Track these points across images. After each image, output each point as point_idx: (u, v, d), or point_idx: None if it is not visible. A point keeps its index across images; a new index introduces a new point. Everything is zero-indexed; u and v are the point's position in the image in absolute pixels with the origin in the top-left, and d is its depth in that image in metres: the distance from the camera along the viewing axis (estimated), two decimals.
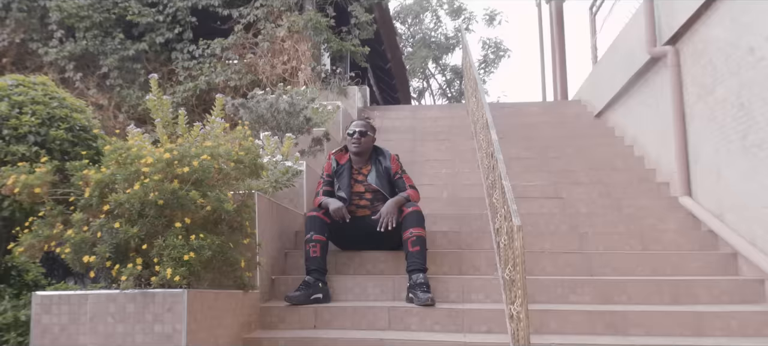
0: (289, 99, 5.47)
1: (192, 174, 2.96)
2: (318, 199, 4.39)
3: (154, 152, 2.92)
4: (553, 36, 11.86)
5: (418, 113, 9.06)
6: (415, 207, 4.17)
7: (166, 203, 2.91)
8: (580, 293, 4.03)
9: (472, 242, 4.80)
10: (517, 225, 2.63)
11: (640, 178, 6.17)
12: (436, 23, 26.47)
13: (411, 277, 3.96)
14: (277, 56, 8.57)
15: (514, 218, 2.78)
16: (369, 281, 4.17)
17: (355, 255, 4.48)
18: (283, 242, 4.59)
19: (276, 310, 3.85)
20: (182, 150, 2.94)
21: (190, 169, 2.87)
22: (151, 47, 8.76)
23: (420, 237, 4.07)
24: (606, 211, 5.45)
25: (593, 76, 8.78)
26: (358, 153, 4.48)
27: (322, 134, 5.92)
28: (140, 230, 2.88)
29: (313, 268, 4.04)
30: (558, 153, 6.86)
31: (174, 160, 2.87)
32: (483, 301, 4.01)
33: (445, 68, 26.87)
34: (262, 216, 4.01)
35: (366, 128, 4.51)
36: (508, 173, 3.64)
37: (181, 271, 2.79)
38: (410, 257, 4.03)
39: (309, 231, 4.14)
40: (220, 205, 3.05)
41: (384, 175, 4.47)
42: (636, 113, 6.80)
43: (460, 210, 5.54)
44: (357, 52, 8.83)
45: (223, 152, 3.31)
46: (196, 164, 2.89)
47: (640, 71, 6.41)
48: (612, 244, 4.78)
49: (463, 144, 7.16)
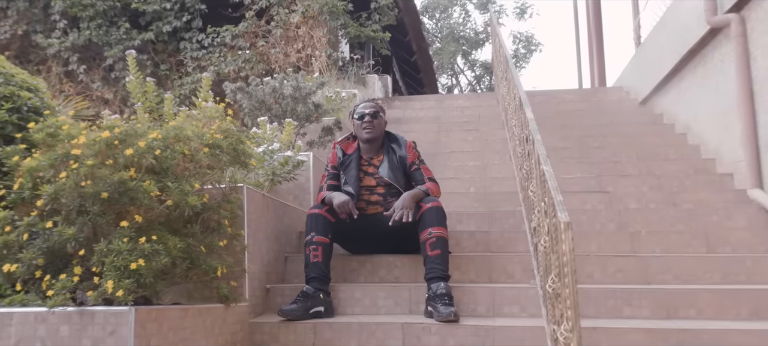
0: (295, 82, 4.84)
1: (143, 159, 2.33)
2: (321, 194, 3.74)
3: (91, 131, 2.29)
4: (590, 20, 11.04)
5: (444, 103, 8.36)
6: (435, 202, 3.49)
7: (113, 196, 2.29)
8: (636, 305, 3.30)
9: (504, 243, 4.10)
10: (565, 222, 1.94)
11: (697, 169, 5.38)
12: (465, 18, 25.84)
13: (430, 286, 3.29)
14: (291, 44, 7.98)
15: (559, 212, 2.10)
16: (381, 290, 3.50)
17: (365, 260, 3.83)
18: (282, 244, 3.95)
19: (268, 326, 3.21)
20: (127, 128, 2.31)
21: (135, 151, 2.24)
22: (158, 37, 8.25)
23: (440, 238, 3.39)
24: (660, 206, 4.69)
25: (636, 59, 7.97)
26: (370, 140, 3.82)
27: (333, 123, 5.28)
28: (79, 231, 2.26)
29: (314, 275, 3.40)
30: (600, 143, 6.10)
31: (115, 140, 2.24)
32: (517, 315, 3.32)
33: (474, 64, 26.17)
34: (253, 214, 3.38)
35: (377, 109, 3.84)
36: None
37: (126, 283, 2.17)
38: (429, 263, 3.36)
39: (309, 231, 3.50)
40: (183, 198, 2.42)
41: (398, 165, 3.80)
42: (690, 96, 6.00)
43: (490, 206, 4.84)
44: (377, 38, 8.17)
45: (194, 134, 2.69)
46: (143, 145, 2.25)
47: (695, 48, 5.62)
48: (670, 245, 4.04)
49: (493, 134, 6.45)
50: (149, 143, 2.28)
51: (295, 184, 4.44)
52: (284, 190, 4.46)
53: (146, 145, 2.26)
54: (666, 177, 5.20)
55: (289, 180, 3.92)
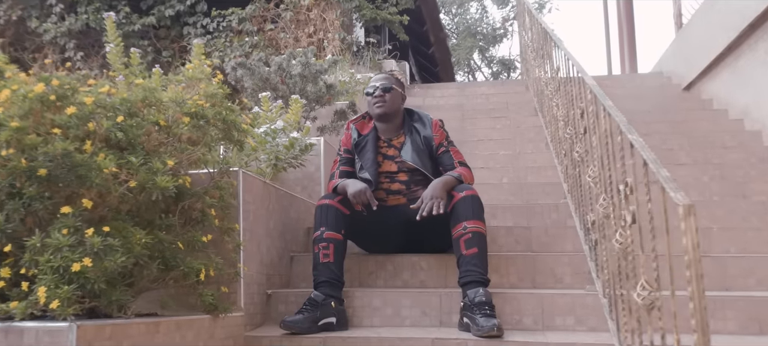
0: (304, 59, 4.25)
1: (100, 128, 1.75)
2: (333, 182, 3.14)
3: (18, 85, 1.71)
4: (620, 6, 10.39)
5: (466, 90, 7.73)
6: (470, 191, 2.88)
7: (56, 173, 1.71)
8: (720, 317, 2.67)
9: (548, 241, 3.48)
10: (686, 204, 1.32)
11: (761, 157, 4.71)
12: (482, 13, 25.30)
13: (466, 293, 2.68)
14: (302, 27, 7.39)
15: (670, 190, 1.48)
16: (404, 297, 2.90)
17: (385, 260, 3.23)
18: (288, 242, 3.36)
19: (267, 341, 2.62)
20: (70, 82, 1.73)
21: (80, 112, 1.65)
22: (159, 22, 7.69)
23: (478, 234, 2.78)
24: (726, 199, 4.04)
25: (678, 43, 7.30)
26: (383, 116, 3.20)
27: (347, 106, 4.68)
28: (7, 220, 1.69)
29: (324, 279, 2.80)
30: (645, 130, 5.43)
31: (51, 95, 1.66)
32: (573, 328, 2.71)
33: (491, 60, 25.56)
34: (251, 205, 2.79)
35: (390, 82, 3.22)
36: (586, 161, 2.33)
37: (66, 291, 1.58)
38: (465, 264, 2.75)
39: (318, 226, 2.90)
40: (150, 179, 1.83)
41: (424, 148, 3.19)
42: (748, 77, 5.33)
43: (527, 199, 4.22)
44: (394, 22, 7.56)
45: (171, 100, 2.10)
46: (89, 102, 1.67)
47: (756, 21, 4.95)
48: (747, 244, 3.39)
49: (525, 121, 5.82)
50: (100, 102, 1.69)
51: (304, 172, 3.85)
52: (291, 179, 3.88)
53: (95, 104, 1.67)
54: (727, 166, 4.54)
55: (296, 167, 3.33)
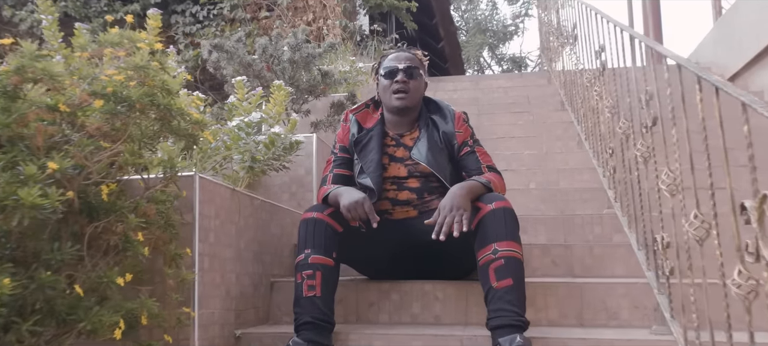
0: (293, 40, 3.57)
1: None
2: (324, 189, 2.43)
3: None
4: None
5: (481, 83, 7.04)
6: (501, 202, 2.18)
7: None
8: None
9: (593, 263, 2.78)
10: None
11: None
12: (493, 9, 24.73)
13: (498, 341, 1.97)
14: (299, 15, 6.73)
15: None
16: (415, 338, 2.20)
17: (390, 289, 2.53)
18: (267, 265, 2.67)
19: None
20: None
21: None
22: (144, 10, 7.04)
23: (513, 259, 2.08)
24: None
25: (718, 32, 6.57)
26: (403, 110, 2.51)
27: (346, 98, 3.99)
28: None
29: (307, 320, 2.10)
30: (692, 126, 4.72)
31: None
32: None
33: (502, 58, 24.94)
34: (213, 220, 2.11)
35: (414, 64, 2.52)
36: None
37: None
38: (495, 300, 2.04)
39: (303, 248, 2.20)
40: (10, 194, 1.15)
41: (442, 146, 2.49)
42: None
43: (562, 208, 3.52)
44: (402, 9, 6.88)
45: (72, 73, 1.42)
46: None
47: None
48: None
49: (551, 116, 5.11)
50: None
51: (292, 176, 3.17)
52: (276, 185, 3.20)
53: None
54: None
55: (277, 170, 2.65)
